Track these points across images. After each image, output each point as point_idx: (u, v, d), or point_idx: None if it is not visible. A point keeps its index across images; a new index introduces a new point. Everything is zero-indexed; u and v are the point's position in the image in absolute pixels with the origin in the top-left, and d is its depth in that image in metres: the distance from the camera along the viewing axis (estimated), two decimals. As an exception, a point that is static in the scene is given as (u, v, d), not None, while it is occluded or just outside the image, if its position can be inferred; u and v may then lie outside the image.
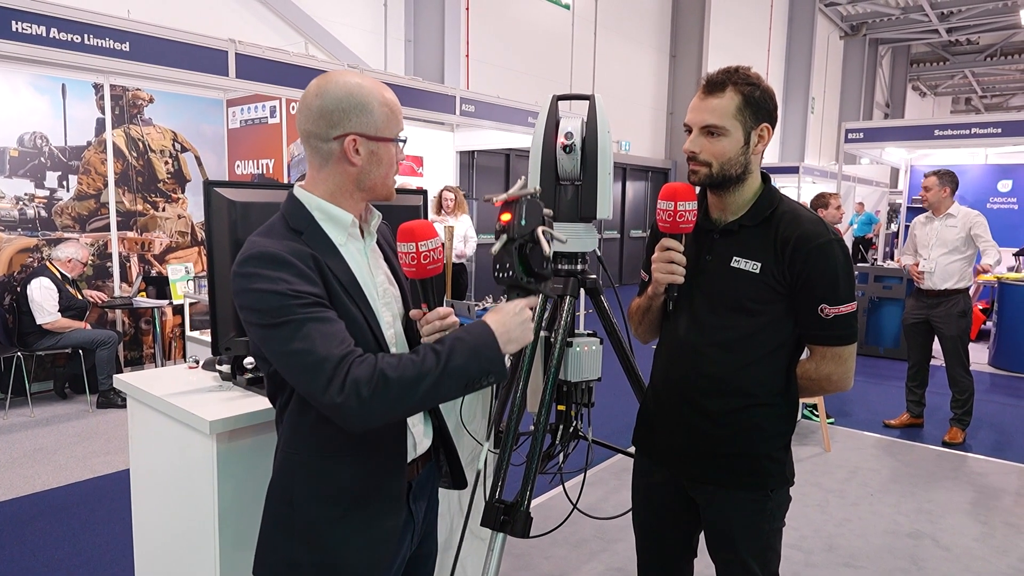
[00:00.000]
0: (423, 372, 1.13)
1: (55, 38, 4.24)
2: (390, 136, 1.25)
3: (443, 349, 1.16)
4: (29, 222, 5.20)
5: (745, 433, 1.57)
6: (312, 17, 8.08)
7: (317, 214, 1.25)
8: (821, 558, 3.02)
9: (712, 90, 1.50)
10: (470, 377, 1.18)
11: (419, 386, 1.12)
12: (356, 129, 1.21)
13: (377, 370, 1.10)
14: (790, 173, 13.72)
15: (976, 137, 8.20)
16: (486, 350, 1.19)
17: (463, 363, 1.16)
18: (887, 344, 7.05)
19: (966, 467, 4.13)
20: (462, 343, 1.18)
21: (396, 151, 1.28)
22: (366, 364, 1.11)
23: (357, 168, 1.24)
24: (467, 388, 1.20)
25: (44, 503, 3.43)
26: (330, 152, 1.23)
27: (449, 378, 1.15)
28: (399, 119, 1.27)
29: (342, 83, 1.23)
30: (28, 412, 4.82)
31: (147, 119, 5.86)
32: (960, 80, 25.81)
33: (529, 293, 1.34)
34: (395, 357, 1.15)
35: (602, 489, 3.68)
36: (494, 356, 1.20)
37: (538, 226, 1.34)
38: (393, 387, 1.10)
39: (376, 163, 1.25)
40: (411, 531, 1.37)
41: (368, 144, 1.23)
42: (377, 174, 1.26)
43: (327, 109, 1.21)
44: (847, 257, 1.52)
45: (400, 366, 1.12)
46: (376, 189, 1.28)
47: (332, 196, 1.26)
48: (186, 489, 1.72)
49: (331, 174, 1.25)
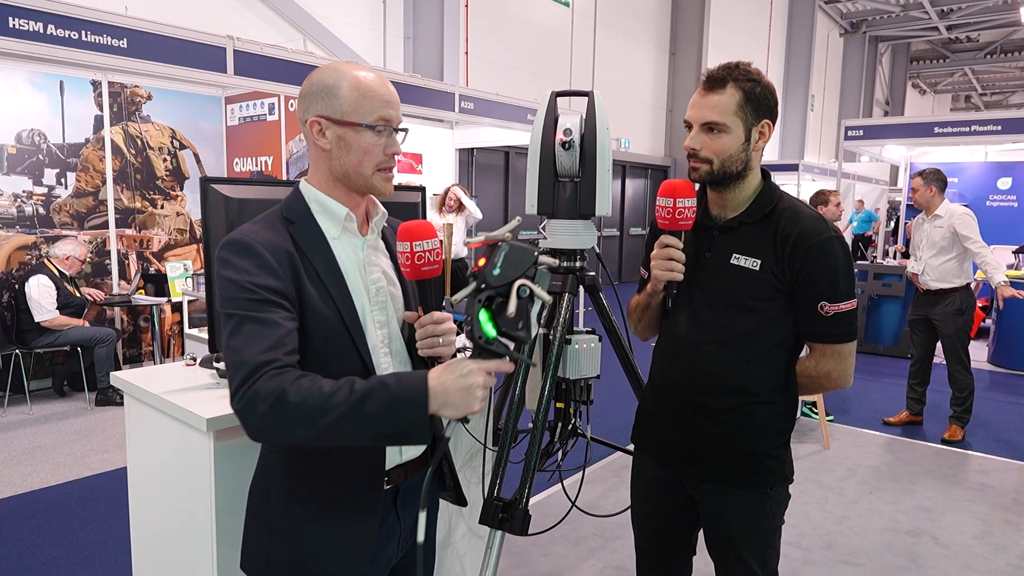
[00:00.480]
0: (328, 406, 1.04)
1: (53, 34, 4.23)
2: (357, 121, 1.19)
3: (360, 389, 1.06)
4: (27, 219, 5.19)
5: (744, 431, 1.57)
6: (311, 14, 8.06)
7: (314, 205, 1.25)
8: (820, 555, 3.02)
9: (713, 86, 1.49)
10: (382, 430, 1.07)
11: (319, 419, 1.05)
12: (320, 111, 1.20)
13: (280, 389, 1.05)
14: (790, 171, 13.71)
15: (976, 135, 8.19)
16: (407, 408, 1.06)
17: (376, 411, 1.05)
18: (886, 342, 7.05)
19: (965, 465, 4.13)
20: (384, 390, 1.06)
21: (377, 140, 1.21)
22: (275, 379, 1.06)
23: (327, 153, 1.22)
24: (382, 440, 1.10)
25: (42, 500, 3.43)
26: (306, 136, 1.24)
27: (356, 422, 1.05)
28: (377, 106, 1.20)
29: (326, 68, 1.23)
30: (27, 410, 4.81)
31: (145, 116, 5.84)
32: (960, 77, 25.80)
33: (494, 356, 1.11)
34: (312, 381, 1.07)
35: (601, 487, 3.68)
36: (416, 417, 1.06)
37: (518, 278, 1.11)
38: (289, 411, 1.05)
39: (344, 148, 1.20)
40: (397, 537, 1.33)
41: (335, 128, 1.19)
42: (347, 160, 1.21)
43: (304, 93, 1.23)
44: (847, 254, 1.51)
45: (307, 392, 1.05)
46: (350, 177, 1.22)
47: (323, 186, 1.25)
48: (183, 486, 1.71)
49: (314, 162, 1.26)
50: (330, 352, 1.20)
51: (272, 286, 1.14)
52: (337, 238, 1.25)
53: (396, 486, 1.31)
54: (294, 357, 1.12)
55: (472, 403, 1.07)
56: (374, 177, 1.24)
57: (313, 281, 1.20)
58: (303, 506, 1.23)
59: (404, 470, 1.32)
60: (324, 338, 1.20)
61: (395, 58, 9.24)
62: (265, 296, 1.12)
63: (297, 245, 1.20)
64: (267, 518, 1.27)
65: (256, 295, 1.12)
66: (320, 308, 1.19)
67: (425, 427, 1.07)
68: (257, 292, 1.12)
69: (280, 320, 1.12)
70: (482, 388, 1.08)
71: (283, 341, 1.11)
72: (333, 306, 1.20)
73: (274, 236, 1.19)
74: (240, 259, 1.14)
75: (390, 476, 1.29)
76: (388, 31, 9.15)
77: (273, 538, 1.25)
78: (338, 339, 1.20)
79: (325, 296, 1.20)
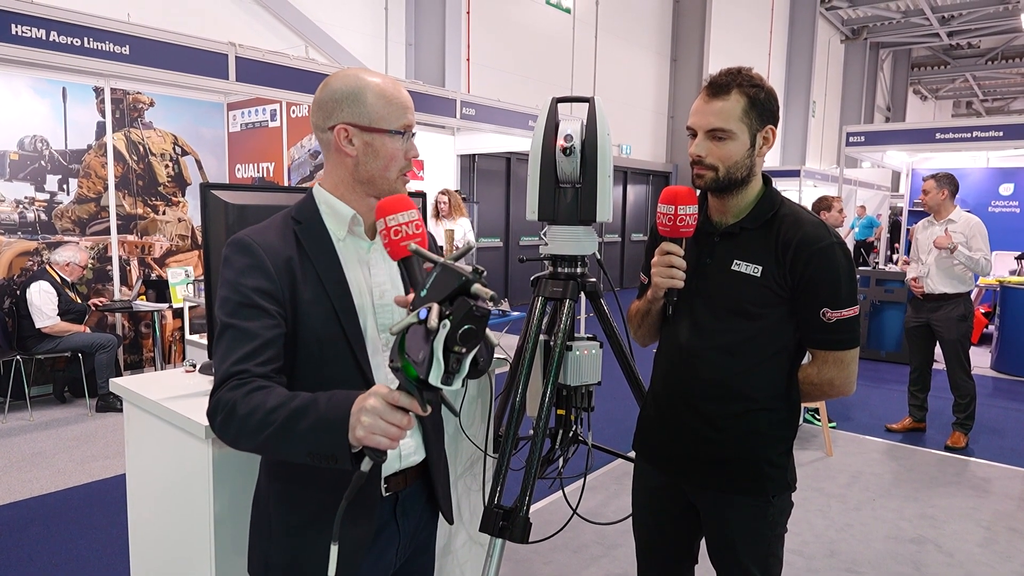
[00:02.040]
0: (267, 422, 1.04)
1: (55, 41, 4.24)
2: (386, 128, 1.22)
3: (295, 406, 1.04)
4: (29, 225, 5.20)
5: (746, 438, 1.55)
6: (313, 21, 8.09)
7: (323, 207, 1.27)
8: (823, 564, 3.00)
9: (717, 93, 1.48)
10: (312, 449, 1.03)
11: (259, 435, 1.05)
12: (347, 119, 1.21)
13: (232, 402, 1.07)
14: (791, 176, 13.70)
15: (977, 140, 8.19)
16: (330, 429, 1.00)
17: (305, 430, 1.02)
18: (889, 348, 7.03)
19: (969, 472, 4.11)
20: (314, 409, 1.02)
21: (401, 145, 1.24)
22: (234, 391, 1.08)
23: (353, 159, 1.23)
24: (314, 459, 1.03)
25: (42, 507, 3.42)
26: (328, 143, 1.25)
27: (288, 439, 1.04)
28: (400, 112, 1.23)
29: (343, 76, 1.24)
30: (27, 416, 4.81)
31: (147, 122, 5.86)
32: (961, 84, 25.82)
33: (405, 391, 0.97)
34: (264, 395, 1.06)
35: (602, 494, 3.66)
36: (337, 439, 1.00)
37: (435, 303, 0.93)
38: (236, 424, 1.07)
39: (372, 155, 1.23)
40: (395, 545, 1.32)
41: (362, 135, 1.22)
42: (374, 166, 1.23)
43: (324, 100, 1.24)
44: (849, 260, 1.50)
45: (254, 406, 1.05)
46: (375, 182, 1.25)
47: (336, 189, 1.27)
48: (182, 493, 1.71)
49: (332, 166, 1.27)
50: (326, 355, 1.20)
51: (262, 288, 1.16)
52: (343, 240, 1.26)
53: (395, 493, 1.30)
54: (269, 366, 1.13)
55: (370, 437, 0.96)
56: (397, 181, 1.27)
57: (312, 284, 1.20)
58: (298, 511, 1.24)
59: (404, 477, 1.31)
60: (319, 341, 1.20)
61: (397, 64, 9.26)
62: (253, 300, 1.15)
63: (301, 245, 1.22)
64: (267, 522, 1.27)
65: (244, 299, 1.15)
66: (316, 311, 1.19)
67: (344, 450, 1.00)
68: (246, 295, 1.15)
69: (259, 330, 1.13)
70: (376, 417, 0.96)
71: (258, 351, 1.12)
72: (331, 308, 1.20)
73: (276, 239, 1.21)
74: (238, 257, 1.18)
75: (389, 483, 1.28)
76: (390, 38, 9.17)
77: (272, 542, 1.26)
78: (334, 343, 1.20)
79: (323, 298, 1.20)
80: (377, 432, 0.96)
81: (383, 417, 0.96)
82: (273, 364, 1.14)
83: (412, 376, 0.94)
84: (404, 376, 0.95)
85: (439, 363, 0.92)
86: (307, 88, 5.54)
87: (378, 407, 0.96)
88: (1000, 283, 6.79)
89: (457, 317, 0.92)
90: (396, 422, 0.97)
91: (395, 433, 0.97)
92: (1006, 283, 6.70)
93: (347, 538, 1.21)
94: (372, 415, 0.96)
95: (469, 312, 0.93)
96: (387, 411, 0.97)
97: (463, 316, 0.92)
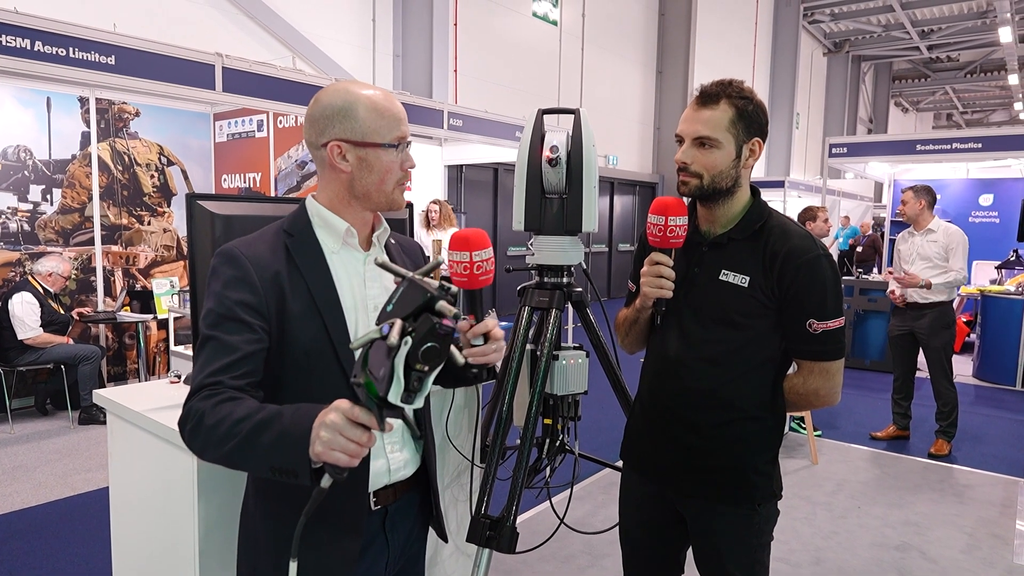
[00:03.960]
0: (232, 433, 1.04)
1: (40, 51, 4.21)
2: (379, 141, 1.21)
3: (261, 418, 1.03)
4: (12, 236, 5.15)
5: (732, 446, 1.57)
6: (300, 32, 8.10)
7: (315, 219, 1.26)
8: (809, 571, 3.01)
9: (706, 101, 1.50)
10: (273, 463, 1.02)
11: (224, 445, 1.05)
12: (340, 135, 1.21)
13: (201, 412, 1.08)
14: (776, 187, 13.86)
15: (957, 152, 8.33)
16: (291, 442, 0.99)
17: (268, 443, 1.01)
18: (873, 356, 7.10)
19: (952, 479, 4.15)
20: (278, 422, 1.02)
21: (396, 157, 1.23)
22: (204, 401, 1.09)
23: (348, 175, 1.22)
24: (276, 474, 1.02)
25: (22, 521, 3.37)
26: (322, 160, 1.24)
27: (250, 452, 1.03)
28: (394, 124, 1.22)
29: (333, 90, 1.23)
30: (8, 429, 4.74)
31: (133, 132, 5.83)
32: (941, 96, 26.25)
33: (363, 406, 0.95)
34: (233, 406, 1.06)
35: (590, 503, 3.66)
36: (296, 456, 0.99)
37: (398, 319, 0.91)
38: (203, 434, 1.08)
39: (367, 169, 1.22)
40: (384, 558, 1.31)
41: (355, 150, 1.21)
42: (370, 181, 1.22)
43: (315, 116, 1.23)
44: (835, 272, 1.52)
45: (220, 416, 1.05)
46: (371, 196, 1.24)
47: (331, 203, 1.26)
48: (166, 506, 1.69)
49: (327, 181, 1.26)
50: (313, 368, 1.20)
51: (246, 301, 1.16)
52: (336, 252, 1.25)
53: (384, 507, 1.29)
54: (245, 380, 1.13)
55: (329, 453, 0.94)
56: (395, 192, 1.26)
57: (300, 297, 1.19)
58: (286, 527, 1.21)
59: (393, 491, 1.30)
60: (307, 354, 1.19)
61: (384, 76, 9.29)
62: (235, 313, 1.15)
63: (292, 258, 1.21)
64: (254, 536, 1.27)
65: (227, 312, 1.15)
66: (305, 325, 1.19)
67: (304, 465, 0.99)
68: (229, 308, 1.15)
69: (239, 343, 1.13)
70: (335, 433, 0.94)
71: (235, 365, 1.12)
72: (320, 322, 1.19)
73: (266, 251, 1.20)
74: (225, 269, 1.18)
75: (378, 497, 1.28)
76: (377, 49, 9.20)
77: (259, 551, 1.26)
78: (321, 356, 1.20)
79: (312, 312, 1.19)
80: (336, 448, 0.94)
81: (342, 433, 0.94)
82: (249, 378, 1.14)
83: (373, 393, 0.91)
84: (365, 392, 0.92)
85: (399, 381, 0.90)
86: (294, 99, 5.54)
87: (337, 423, 0.94)
88: (981, 292, 6.89)
89: (419, 335, 0.89)
90: (355, 438, 0.94)
91: (354, 450, 0.95)
92: (987, 292, 6.80)
93: (333, 553, 1.20)
94: (331, 431, 0.94)
95: (432, 330, 0.90)
96: (346, 427, 0.94)
97: (425, 333, 0.89)
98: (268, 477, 1.04)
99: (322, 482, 0.98)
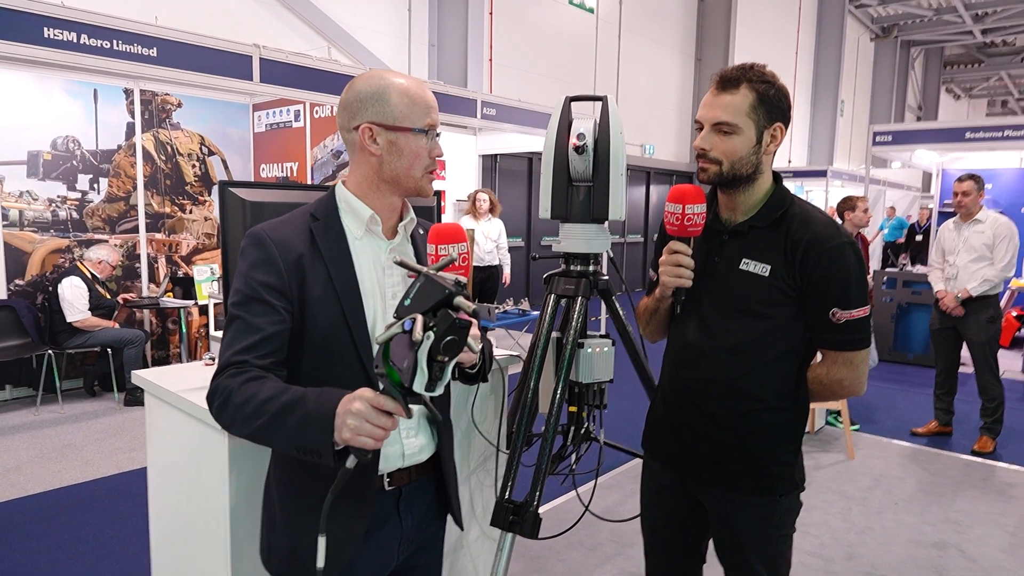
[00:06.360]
0: (259, 412, 1.09)
1: (86, 44, 4.36)
2: (409, 126, 1.23)
3: (286, 400, 1.08)
4: (61, 224, 5.34)
5: (752, 437, 1.55)
6: (336, 22, 8.18)
7: (342, 204, 1.28)
8: (841, 567, 2.96)
9: (726, 86, 1.47)
10: (298, 444, 1.07)
11: (252, 423, 1.10)
12: (371, 118, 1.23)
13: (229, 390, 1.13)
14: (818, 176, 13.53)
15: (1010, 140, 8.00)
16: (315, 426, 1.04)
17: (293, 425, 1.07)
18: (916, 351, 6.90)
19: (995, 477, 4.03)
20: (302, 405, 1.07)
21: (425, 144, 1.26)
22: (232, 379, 1.13)
23: (377, 158, 1.25)
24: (301, 453, 1.07)
25: (71, 497, 3.52)
26: (353, 143, 1.27)
27: (277, 431, 1.09)
28: (424, 111, 1.24)
29: (367, 77, 1.26)
30: (58, 408, 4.94)
31: (175, 123, 5.98)
32: (996, 82, 25.22)
33: (388, 395, 1.00)
34: (259, 385, 1.11)
35: (619, 492, 3.65)
36: (322, 437, 1.04)
37: (419, 313, 0.96)
38: (231, 411, 1.13)
39: (396, 153, 1.24)
40: (397, 539, 1.32)
41: (386, 133, 1.23)
42: (399, 165, 1.25)
43: (349, 101, 1.25)
44: (860, 260, 1.47)
45: (248, 395, 1.10)
46: (400, 181, 1.26)
47: (359, 188, 1.28)
48: (200, 483, 1.75)
49: (357, 165, 1.28)
50: (331, 353, 1.22)
51: (270, 283, 1.19)
52: (360, 239, 1.27)
53: (399, 488, 1.31)
54: (269, 359, 1.17)
55: (357, 437, 1.00)
56: (423, 179, 1.28)
57: (321, 282, 1.22)
58: (299, 500, 1.27)
59: (408, 474, 1.32)
60: (325, 339, 1.21)
61: (420, 65, 9.33)
62: (260, 295, 1.18)
63: (315, 242, 1.23)
64: (272, 508, 1.32)
65: (253, 292, 1.19)
66: (324, 309, 1.21)
67: (328, 447, 1.04)
68: (255, 289, 1.19)
69: (264, 324, 1.17)
70: (362, 420, 0.99)
71: (260, 344, 1.17)
72: (339, 308, 1.22)
73: (292, 235, 1.23)
74: (252, 251, 1.22)
75: (392, 478, 1.30)
76: (413, 38, 9.24)
77: (275, 527, 1.30)
78: (339, 341, 1.22)
79: (332, 297, 1.21)
80: (363, 434, 1.00)
81: (369, 420, 1.00)
82: (273, 358, 1.18)
83: (396, 382, 0.98)
84: (388, 381, 0.99)
85: (423, 372, 0.96)
86: (330, 89, 5.62)
87: (363, 411, 1.00)
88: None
89: (441, 329, 0.95)
90: (381, 424, 1.01)
91: (380, 435, 1.01)
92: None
93: (340, 530, 1.22)
94: (358, 418, 1.00)
95: (452, 324, 0.96)
96: (372, 414, 1.00)
97: (446, 328, 0.96)
98: (292, 455, 1.10)
99: (347, 463, 1.04)
